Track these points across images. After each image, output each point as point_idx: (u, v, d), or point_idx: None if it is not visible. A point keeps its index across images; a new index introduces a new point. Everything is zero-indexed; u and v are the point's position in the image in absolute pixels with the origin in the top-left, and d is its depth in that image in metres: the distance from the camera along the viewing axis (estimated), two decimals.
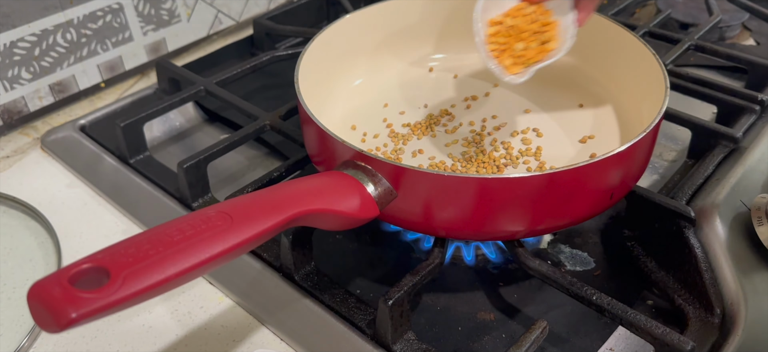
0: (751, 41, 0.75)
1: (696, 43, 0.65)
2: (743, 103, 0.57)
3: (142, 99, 0.68)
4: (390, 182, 0.41)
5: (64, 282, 0.28)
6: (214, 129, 0.66)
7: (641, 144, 0.42)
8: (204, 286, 0.48)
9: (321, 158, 0.47)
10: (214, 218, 0.33)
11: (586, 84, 0.58)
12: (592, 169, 0.40)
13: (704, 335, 0.42)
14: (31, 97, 0.65)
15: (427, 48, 0.63)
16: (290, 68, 0.52)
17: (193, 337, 0.44)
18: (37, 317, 0.28)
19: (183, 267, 0.30)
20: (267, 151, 0.62)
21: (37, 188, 0.58)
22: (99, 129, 0.64)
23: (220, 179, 0.59)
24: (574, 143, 0.52)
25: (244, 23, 0.81)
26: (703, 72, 0.66)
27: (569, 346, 0.43)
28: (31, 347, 0.44)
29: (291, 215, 0.35)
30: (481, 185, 0.40)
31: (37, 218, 0.53)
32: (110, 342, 0.44)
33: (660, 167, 0.57)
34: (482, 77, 0.61)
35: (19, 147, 0.63)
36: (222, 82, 0.63)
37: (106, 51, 0.69)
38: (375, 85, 0.60)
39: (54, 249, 0.50)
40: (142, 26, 0.71)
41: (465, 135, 0.53)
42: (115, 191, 0.56)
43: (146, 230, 0.32)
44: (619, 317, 0.39)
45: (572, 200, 0.41)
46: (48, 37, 0.64)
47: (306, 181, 0.40)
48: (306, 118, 0.46)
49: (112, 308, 0.28)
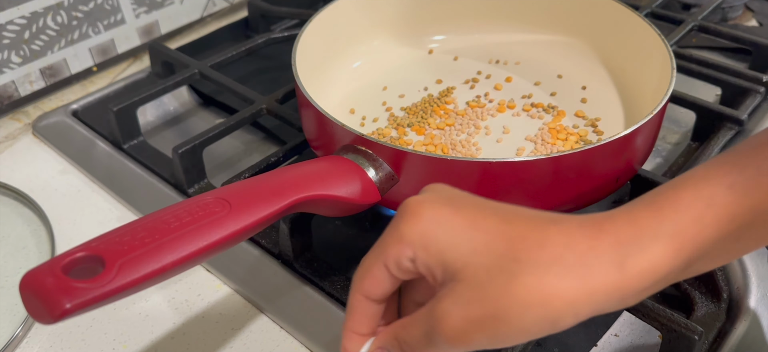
0: (754, 22, 0.74)
1: (699, 24, 0.64)
2: (748, 84, 0.56)
3: (135, 83, 0.67)
4: (391, 166, 0.40)
5: (58, 271, 0.27)
6: (208, 113, 0.65)
7: (648, 126, 0.41)
8: (201, 273, 0.47)
9: (320, 143, 0.46)
10: (212, 205, 0.32)
11: (590, 65, 0.57)
12: (598, 152, 0.40)
13: (710, 320, 0.41)
14: (22, 82, 0.64)
15: (427, 30, 0.61)
16: (286, 51, 0.51)
17: (191, 325, 0.43)
18: (30, 308, 0.27)
19: (180, 256, 0.30)
20: (263, 136, 0.61)
21: (30, 174, 0.56)
22: (92, 114, 0.63)
23: (216, 164, 0.58)
24: (577, 125, 0.51)
25: (239, 5, 0.80)
26: (705, 53, 0.65)
27: (573, 332, 0.42)
28: (25, 337, 0.43)
29: (291, 201, 0.34)
30: (484, 169, 0.39)
31: (30, 205, 0.52)
32: (106, 331, 0.43)
33: (663, 150, 0.57)
34: (483, 59, 0.60)
35: (10, 133, 0.62)
36: (217, 65, 0.62)
37: (97, 34, 0.68)
38: (374, 68, 0.59)
39: (47, 237, 0.49)
40: (134, 8, 0.70)
41: (465, 117, 0.52)
42: (109, 177, 0.55)
43: (142, 217, 0.31)
44: None
45: (577, 183, 0.41)
46: (38, 20, 0.63)
47: (305, 166, 0.39)
48: (304, 101, 0.45)
49: (108, 298, 0.27)
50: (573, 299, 0.25)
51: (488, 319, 0.25)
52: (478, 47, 0.61)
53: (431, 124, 0.51)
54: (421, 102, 0.54)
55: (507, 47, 0.60)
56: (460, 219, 0.27)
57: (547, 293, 0.25)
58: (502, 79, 0.57)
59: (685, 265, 0.26)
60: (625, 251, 0.25)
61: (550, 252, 0.25)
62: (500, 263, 0.26)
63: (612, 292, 0.25)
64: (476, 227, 0.27)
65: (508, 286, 0.25)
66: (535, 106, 0.53)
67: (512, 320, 0.25)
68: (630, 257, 0.25)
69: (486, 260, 0.26)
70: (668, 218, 0.26)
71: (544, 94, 0.55)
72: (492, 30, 0.61)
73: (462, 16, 0.61)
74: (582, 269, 0.25)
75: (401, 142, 0.50)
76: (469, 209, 0.27)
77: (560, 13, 0.59)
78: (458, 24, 0.61)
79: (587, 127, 0.51)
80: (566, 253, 0.25)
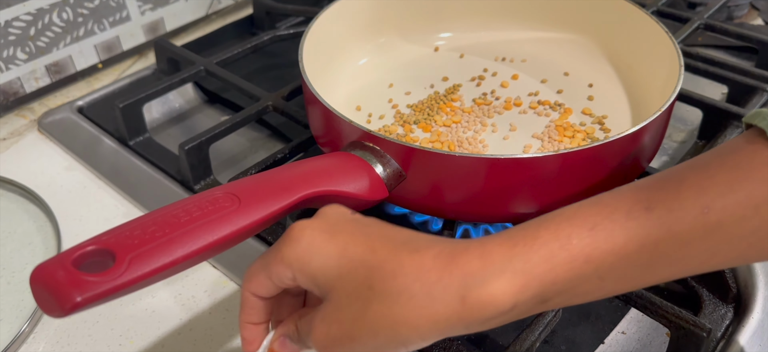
0: (759, 21, 0.74)
1: (705, 23, 0.64)
2: (754, 82, 0.56)
3: (140, 80, 0.67)
4: (399, 162, 0.40)
5: (68, 265, 0.27)
6: (214, 110, 0.65)
7: (656, 124, 0.41)
8: (208, 270, 0.47)
9: (327, 139, 0.46)
10: (222, 199, 0.32)
11: (597, 63, 0.57)
12: (605, 149, 0.40)
13: (718, 317, 0.41)
14: (27, 78, 0.64)
15: (433, 27, 0.61)
16: (291, 48, 0.51)
17: (198, 321, 0.43)
18: (41, 301, 0.27)
19: (190, 250, 0.30)
20: (269, 133, 0.61)
21: (35, 170, 0.56)
22: (97, 110, 0.63)
23: (222, 161, 0.58)
24: (584, 123, 0.51)
25: (244, 2, 0.80)
26: (711, 51, 0.65)
27: (580, 329, 0.42)
28: (32, 332, 0.43)
29: (300, 196, 0.34)
30: (491, 166, 0.39)
31: (36, 202, 0.52)
32: (113, 327, 0.43)
33: (669, 149, 0.57)
34: (489, 57, 0.59)
35: (15, 129, 0.62)
36: (222, 62, 0.62)
37: (103, 31, 0.68)
38: (380, 65, 0.59)
39: (53, 233, 0.49)
40: (139, 5, 0.70)
41: (472, 115, 0.52)
42: (115, 174, 0.55)
43: (152, 212, 0.31)
44: (632, 300, 0.39)
45: (584, 180, 0.41)
46: (43, 17, 0.63)
47: (314, 162, 0.39)
48: (312, 98, 0.45)
49: (118, 292, 0.27)
50: (417, 325, 0.28)
51: (345, 338, 0.29)
52: (484, 45, 0.60)
53: (438, 121, 0.51)
54: (427, 99, 0.54)
55: (513, 45, 0.60)
56: (332, 246, 0.30)
57: (394, 320, 0.28)
58: (508, 76, 0.57)
59: (539, 299, 0.28)
60: (469, 283, 0.27)
61: (400, 282, 0.28)
62: (358, 290, 0.29)
63: (454, 321, 0.28)
64: (344, 255, 0.29)
65: (362, 312, 0.28)
66: (541, 104, 0.53)
67: (366, 342, 0.29)
68: (473, 289, 0.27)
69: (348, 286, 0.29)
70: (519, 255, 0.28)
71: (551, 91, 0.55)
72: (498, 27, 0.61)
73: (468, 14, 0.61)
74: (426, 299, 0.28)
75: (408, 140, 0.50)
76: (343, 236, 0.30)
77: (567, 10, 0.58)
78: (465, 21, 0.61)
79: (594, 124, 0.51)
80: (415, 284, 0.28)
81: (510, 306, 0.27)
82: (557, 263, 0.27)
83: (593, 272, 0.28)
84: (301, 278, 0.30)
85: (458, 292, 0.27)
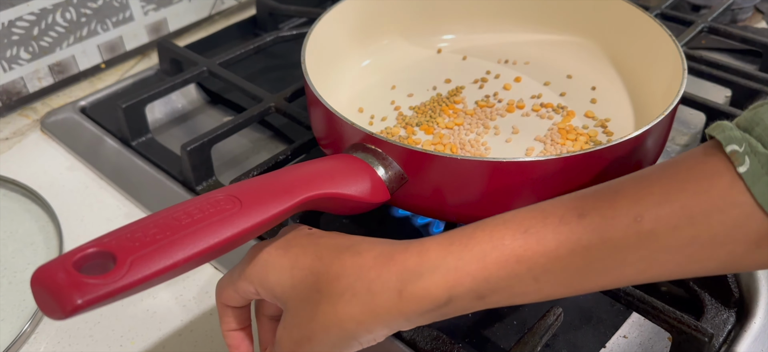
0: (763, 24, 0.74)
1: (709, 26, 0.64)
2: (758, 86, 0.56)
3: (143, 80, 0.67)
4: (401, 165, 0.40)
5: (69, 267, 0.27)
6: (216, 111, 0.65)
7: (659, 127, 0.41)
8: (209, 271, 0.47)
9: (329, 141, 0.46)
10: (223, 202, 0.32)
11: (600, 66, 0.56)
12: (608, 152, 0.39)
13: (720, 322, 0.41)
14: (31, 78, 0.64)
15: (436, 29, 0.61)
16: (294, 49, 0.51)
17: (198, 323, 0.43)
18: (41, 303, 0.27)
19: (191, 252, 0.29)
20: (271, 134, 0.61)
21: (37, 170, 0.56)
22: (100, 111, 0.63)
23: (224, 162, 0.58)
24: (587, 126, 0.51)
25: (247, 3, 0.80)
26: (715, 55, 0.65)
27: (582, 333, 0.42)
28: (33, 332, 0.43)
29: (302, 199, 0.34)
30: (494, 169, 0.39)
31: (38, 201, 0.52)
32: (114, 328, 0.43)
33: (672, 152, 0.56)
34: (492, 59, 0.59)
35: (18, 129, 0.62)
36: (225, 63, 0.62)
37: (106, 31, 0.68)
38: (382, 67, 0.58)
39: (55, 233, 0.49)
40: (142, 6, 0.70)
41: (474, 117, 0.52)
42: (117, 174, 0.55)
43: (153, 214, 0.31)
44: (633, 304, 0.39)
45: (587, 184, 0.40)
46: (47, 17, 0.63)
47: (316, 164, 0.39)
48: (314, 100, 0.45)
49: (119, 294, 0.27)
50: (361, 320, 0.30)
51: (304, 340, 0.31)
52: (487, 47, 0.60)
53: (440, 123, 0.51)
54: (429, 101, 0.54)
55: (516, 47, 0.60)
56: (285, 260, 0.33)
57: (340, 317, 0.30)
58: (511, 79, 0.57)
59: (475, 296, 0.29)
60: (406, 278, 0.30)
61: (344, 283, 0.31)
62: (309, 294, 0.31)
63: (395, 313, 0.30)
64: (296, 266, 0.32)
65: (314, 313, 0.31)
66: (544, 107, 0.53)
67: (321, 340, 0.31)
68: (408, 284, 0.30)
69: (301, 293, 0.32)
70: (454, 253, 0.30)
71: (554, 94, 0.55)
72: (501, 30, 0.61)
73: (471, 16, 0.61)
74: (367, 295, 0.30)
75: (410, 142, 0.50)
76: (295, 250, 0.33)
77: (570, 13, 0.58)
78: (467, 23, 0.61)
79: (597, 127, 0.51)
80: (357, 283, 0.30)
81: (445, 300, 0.29)
82: (489, 261, 0.29)
83: (526, 273, 0.29)
84: (262, 291, 0.33)
85: (396, 286, 0.30)
